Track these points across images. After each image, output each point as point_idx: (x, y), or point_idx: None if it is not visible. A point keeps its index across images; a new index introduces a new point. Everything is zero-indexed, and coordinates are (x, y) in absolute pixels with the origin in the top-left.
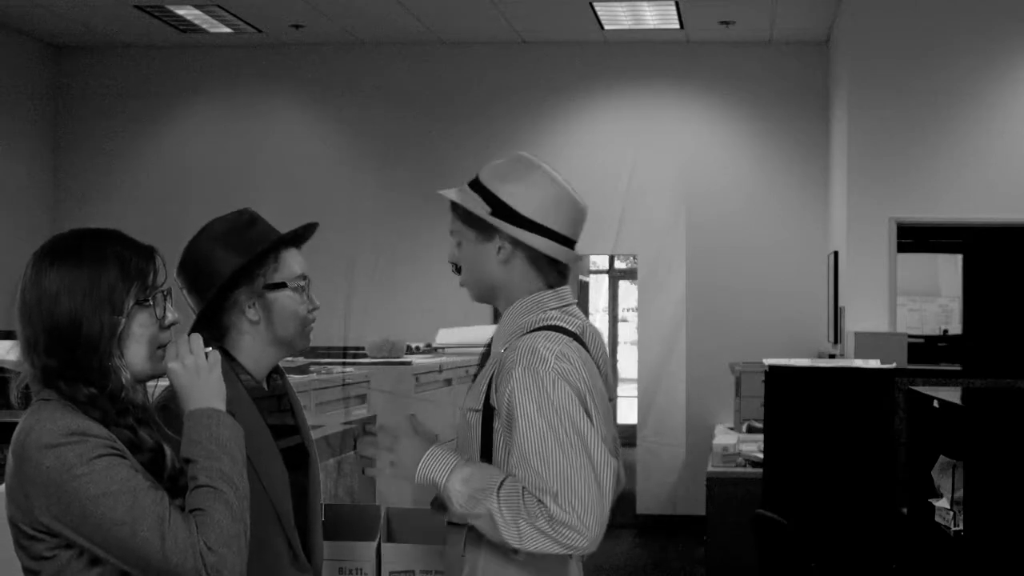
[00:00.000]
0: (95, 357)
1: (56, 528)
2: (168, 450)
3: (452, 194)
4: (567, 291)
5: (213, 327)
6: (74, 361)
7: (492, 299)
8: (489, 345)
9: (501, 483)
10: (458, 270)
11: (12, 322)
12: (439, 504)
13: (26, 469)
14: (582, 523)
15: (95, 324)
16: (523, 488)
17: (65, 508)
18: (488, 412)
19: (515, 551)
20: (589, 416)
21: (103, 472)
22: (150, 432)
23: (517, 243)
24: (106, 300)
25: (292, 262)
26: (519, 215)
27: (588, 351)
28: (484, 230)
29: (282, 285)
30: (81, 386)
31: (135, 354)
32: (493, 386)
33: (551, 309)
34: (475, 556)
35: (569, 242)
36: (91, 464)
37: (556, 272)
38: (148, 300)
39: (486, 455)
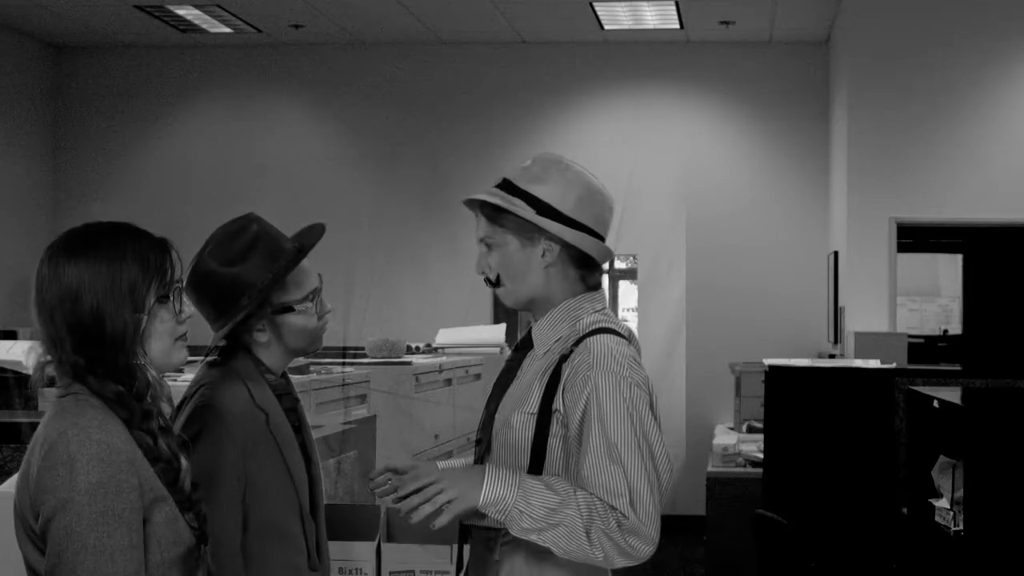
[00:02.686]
0: (121, 355)
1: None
2: (184, 463)
3: (494, 198)
4: (603, 294)
5: (228, 337)
6: (101, 358)
7: (532, 305)
8: (520, 347)
9: (575, 494)
10: (489, 280)
11: (16, 320)
12: (478, 518)
13: (46, 474)
14: (647, 529)
15: (119, 322)
16: (594, 496)
17: (47, 522)
18: (545, 416)
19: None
20: (656, 421)
21: (102, 519)
22: (169, 441)
23: (563, 244)
24: (127, 297)
25: (301, 277)
26: (563, 214)
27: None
28: (528, 234)
29: (289, 308)
30: (110, 383)
31: (156, 349)
32: (559, 390)
33: (595, 312)
34: (511, 559)
35: (602, 239)
36: (104, 501)
37: (594, 273)
38: (168, 296)
39: (537, 459)
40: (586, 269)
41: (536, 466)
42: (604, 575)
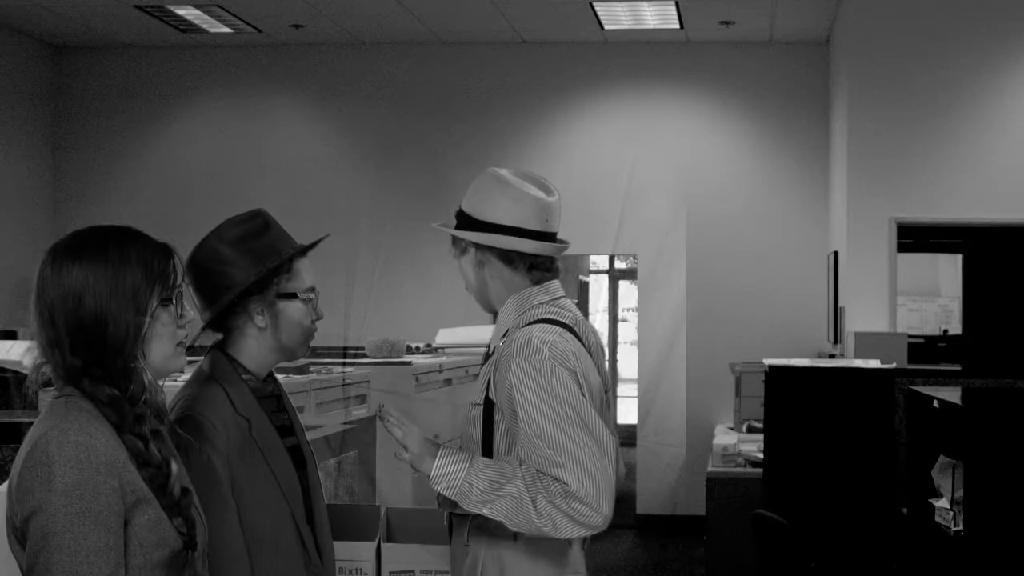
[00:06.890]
0: (120, 358)
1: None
2: (175, 467)
3: (437, 224)
4: (555, 285)
5: (218, 327)
6: (98, 361)
7: (489, 306)
8: (490, 346)
9: (519, 467)
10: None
11: (16, 320)
12: (447, 501)
13: (26, 475)
14: (593, 498)
15: (121, 325)
16: (537, 469)
17: (26, 522)
18: (489, 406)
19: (515, 536)
20: (585, 397)
21: (78, 520)
22: (160, 446)
23: (484, 247)
24: (130, 301)
25: (304, 272)
26: (476, 220)
27: (581, 342)
28: (461, 246)
29: (293, 296)
30: (104, 386)
31: (156, 353)
32: (492, 381)
33: (540, 304)
34: (478, 543)
35: (542, 235)
36: (80, 503)
37: (537, 268)
38: (171, 300)
39: (487, 447)
40: (522, 265)
41: (487, 453)
42: (563, 558)
